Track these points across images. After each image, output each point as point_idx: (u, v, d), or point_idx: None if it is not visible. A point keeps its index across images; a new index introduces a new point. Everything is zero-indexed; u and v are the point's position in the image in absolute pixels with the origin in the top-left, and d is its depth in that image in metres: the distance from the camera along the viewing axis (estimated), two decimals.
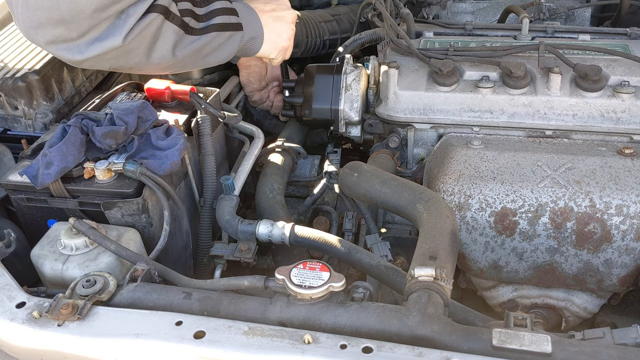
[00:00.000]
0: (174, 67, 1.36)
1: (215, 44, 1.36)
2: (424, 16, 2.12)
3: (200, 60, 1.38)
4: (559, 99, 1.52)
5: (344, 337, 0.97)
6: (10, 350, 1.09)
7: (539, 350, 0.92)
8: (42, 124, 1.59)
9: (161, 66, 1.31)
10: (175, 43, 1.26)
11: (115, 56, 1.19)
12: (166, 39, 1.24)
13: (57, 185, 1.34)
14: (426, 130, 1.63)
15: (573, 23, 2.14)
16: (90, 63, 1.19)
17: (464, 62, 1.61)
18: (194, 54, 1.33)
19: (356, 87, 1.71)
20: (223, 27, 1.36)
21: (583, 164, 1.42)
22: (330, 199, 1.75)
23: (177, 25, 1.25)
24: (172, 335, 1.00)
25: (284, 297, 1.08)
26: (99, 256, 1.26)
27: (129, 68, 1.28)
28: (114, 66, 1.26)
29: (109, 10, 1.10)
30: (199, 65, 1.42)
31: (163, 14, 1.20)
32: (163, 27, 1.22)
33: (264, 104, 1.97)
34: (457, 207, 1.42)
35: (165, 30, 1.23)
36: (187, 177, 1.54)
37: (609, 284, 1.42)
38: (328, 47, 2.15)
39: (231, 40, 1.40)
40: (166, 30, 1.23)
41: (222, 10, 1.36)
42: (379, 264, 1.27)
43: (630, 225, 1.35)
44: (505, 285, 1.53)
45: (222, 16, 1.36)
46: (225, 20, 1.36)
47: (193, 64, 1.39)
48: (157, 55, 1.25)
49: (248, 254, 1.44)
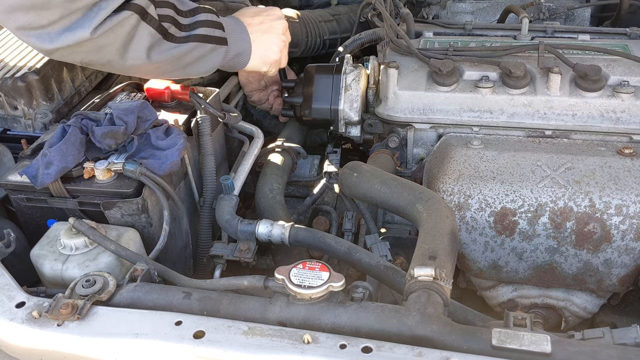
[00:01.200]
0: (152, 72, 1.37)
1: (196, 55, 1.36)
2: (423, 16, 2.12)
3: (180, 69, 1.37)
4: (558, 99, 1.52)
5: (343, 337, 0.97)
6: (9, 350, 1.09)
7: (539, 350, 0.92)
8: (41, 124, 1.59)
9: (137, 68, 1.30)
10: (150, 46, 1.25)
11: (87, 50, 1.18)
12: (141, 40, 1.23)
13: (56, 185, 1.34)
14: (426, 130, 1.63)
15: (573, 23, 2.14)
16: (61, 54, 1.18)
17: (463, 62, 1.61)
18: (172, 62, 1.32)
19: (356, 87, 1.71)
20: (205, 39, 1.35)
21: (583, 163, 1.42)
22: (330, 199, 1.75)
23: (154, 28, 1.24)
24: (172, 335, 1.00)
25: (284, 297, 1.08)
26: (99, 256, 1.26)
27: (102, 65, 1.27)
28: (86, 60, 1.25)
29: (81, 1, 1.10)
30: (179, 74, 1.41)
31: (139, 13, 1.20)
32: (139, 27, 1.21)
33: (263, 105, 1.98)
34: (456, 207, 1.42)
35: (140, 31, 1.22)
36: (187, 177, 1.54)
37: (609, 283, 1.42)
38: (328, 47, 2.15)
39: (214, 54, 1.40)
40: (141, 31, 1.23)
41: (207, 22, 1.36)
42: (379, 264, 1.27)
43: (630, 225, 1.35)
44: (504, 285, 1.53)
45: (206, 28, 1.35)
46: (209, 32, 1.36)
47: (173, 72, 1.39)
48: (132, 56, 1.24)
49: (248, 253, 1.44)
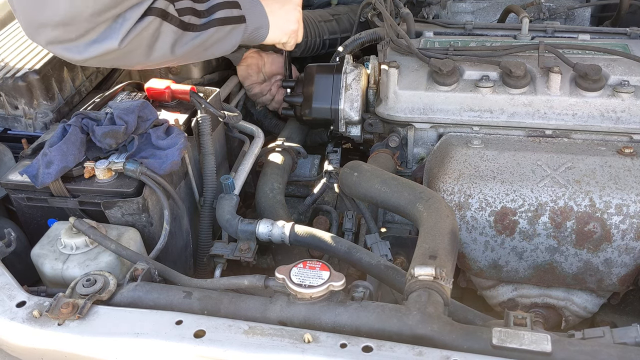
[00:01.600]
0: (175, 62, 1.39)
1: (216, 38, 1.36)
2: (424, 16, 2.12)
3: (202, 53, 1.38)
4: (558, 99, 1.52)
5: (344, 336, 0.97)
6: (10, 350, 1.09)
7: (539, 349, 0.92)
8: (42, 123, 1.59)
9: (161, 63, 1.34)
10: (174, 42, 1.28)
11: (115, 57, 1.22)
12: (165, 39, 1.26)
13: (57, 185, 1.34)
14: (426, 130, 1.63)
15: (573, 23, 2.14)
16: (91, 63, 1.23)
17: (463, 62, 1.61)
18: (195, 50, 1.34)
19: (356, 86, 1.71)
20: (225, 22, 1.36)
21: (583, 163, 1.42)
22: (330, 198, 1.75)
23: (176, 25, 1.26)
24: (172, 335, 1.00)
25: (284, 296, 1.08)
26: (99, 255, 1.26)
27: (129, 66, 1.39)
28: (116, 65, 1.33)
29: (106, 14, 1.12)
30: (201, 57, 1.43)
31: (160, 16, 1.22)
32: (161, 28, 1.24)
33: (264, 97, 1.98)
34: (457, 207, 1.42)
35: (163, 32, 1.24)
36: (187, 177, 1.54)
37: (609, 283, 1.42)
38: (328, 47, 2.15)
39: (234, 33, 1.40)
40: (164, 32, 1.25)
41: (224, 4, 1.36)
42: (379, 264, 1.27)
43: (630, 224, 1.35)
44: (505, 284, 1.53)
45: (223, 10, 1.35)
46: (227, 14, 1.36)
47: (195, 57, 1.41)
48: (157, 55, 1.27)
49: (248, 253, 1.44)
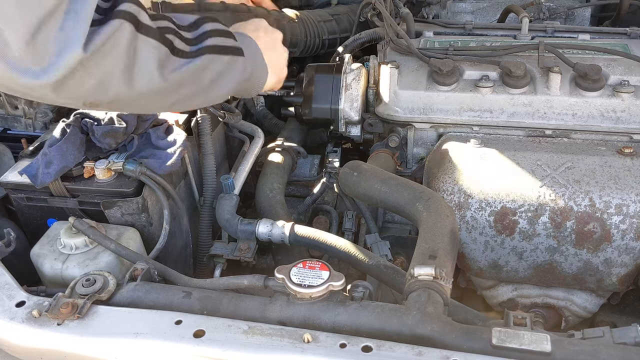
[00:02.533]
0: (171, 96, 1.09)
1: (215, 69, 1.14)
2: (423, 16, 2.13)
3: (203, 89, 1.15)
4: (558, 99, 1.52)
5: (343, 336, 0.97)
6: (10, 350, 1.09)
7: (539, 349, 0.92)
8: (42, 123, 1.59)
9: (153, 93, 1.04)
10: (160, 62, 1.01)
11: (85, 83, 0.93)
12: (145, 56, 0.99)
13: (57, 185, 1.34)
14: (426, 130, 1.63)
15: (573, 23, 2.14)
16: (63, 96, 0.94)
17: (463, 62, 1.61)
18: (191, 79, 1.10)
19: (356, 86, 1.71)
20: (220, 50, 1.15)
21: (583, 163, 1.42)
22: (330, 198, 1.75)
23: (155, 39, 1.01)
24: (172, 335, 1.00)
25: (284, 296, 1.08)
26: (99, 255, 1.26)
27: (109, 102, 1.00)
28: (91, 99, 0.98)
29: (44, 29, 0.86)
30: (205, 96, 1.19)
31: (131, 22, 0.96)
32: (137, 41, 0.97)
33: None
34: (456, 207, 1.42)
35: (140, 46, 0.98)
36: (187, 177, 1.54)
37: (609, 283, 1.42)
38: (327, 47, 2.14)
39: (233, 66, 1.19)
40: (142, 45, 0.98)
41: (215, 32, 1.16)
42: (379, 263, 1.27)
43: (630, 224, 1.35)
44: (505, 284, 1.53)
45: (216, 38, 1.15)
46: (220, 42, 1.16)
47: (197, 95, 1.16)
48: (142, 78, 0.99)
49: (248, 253, 1.44)
